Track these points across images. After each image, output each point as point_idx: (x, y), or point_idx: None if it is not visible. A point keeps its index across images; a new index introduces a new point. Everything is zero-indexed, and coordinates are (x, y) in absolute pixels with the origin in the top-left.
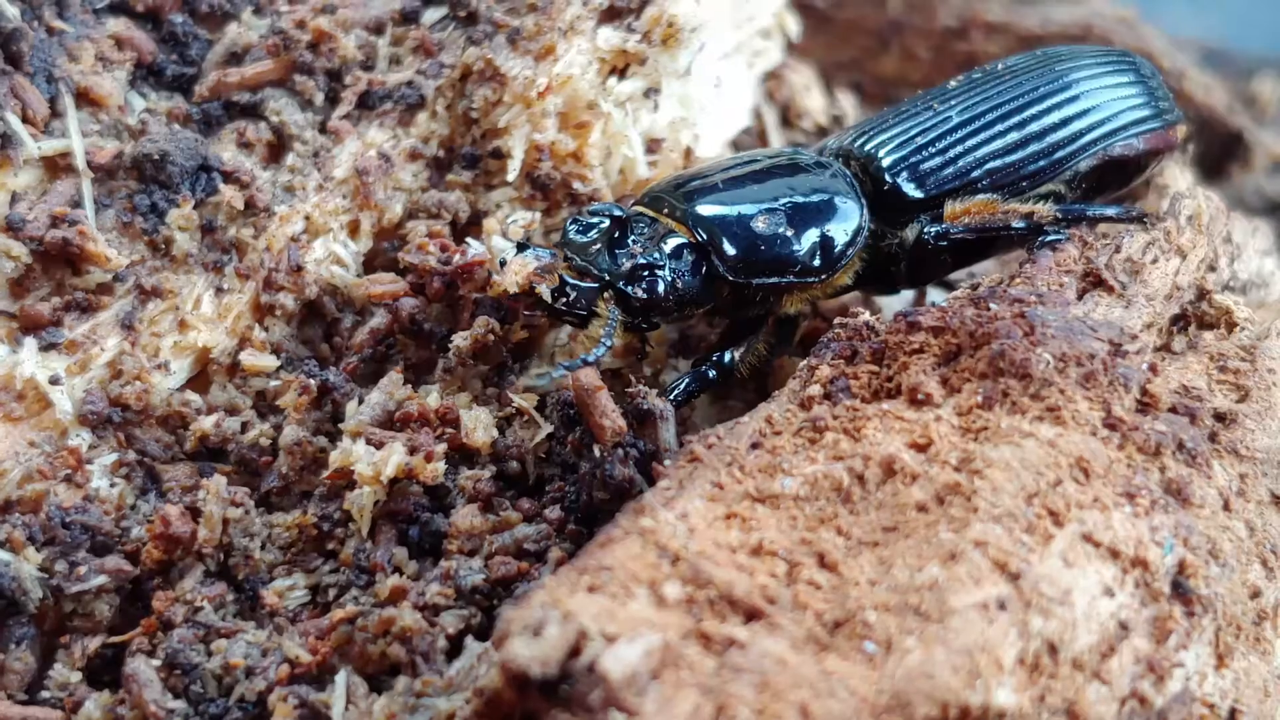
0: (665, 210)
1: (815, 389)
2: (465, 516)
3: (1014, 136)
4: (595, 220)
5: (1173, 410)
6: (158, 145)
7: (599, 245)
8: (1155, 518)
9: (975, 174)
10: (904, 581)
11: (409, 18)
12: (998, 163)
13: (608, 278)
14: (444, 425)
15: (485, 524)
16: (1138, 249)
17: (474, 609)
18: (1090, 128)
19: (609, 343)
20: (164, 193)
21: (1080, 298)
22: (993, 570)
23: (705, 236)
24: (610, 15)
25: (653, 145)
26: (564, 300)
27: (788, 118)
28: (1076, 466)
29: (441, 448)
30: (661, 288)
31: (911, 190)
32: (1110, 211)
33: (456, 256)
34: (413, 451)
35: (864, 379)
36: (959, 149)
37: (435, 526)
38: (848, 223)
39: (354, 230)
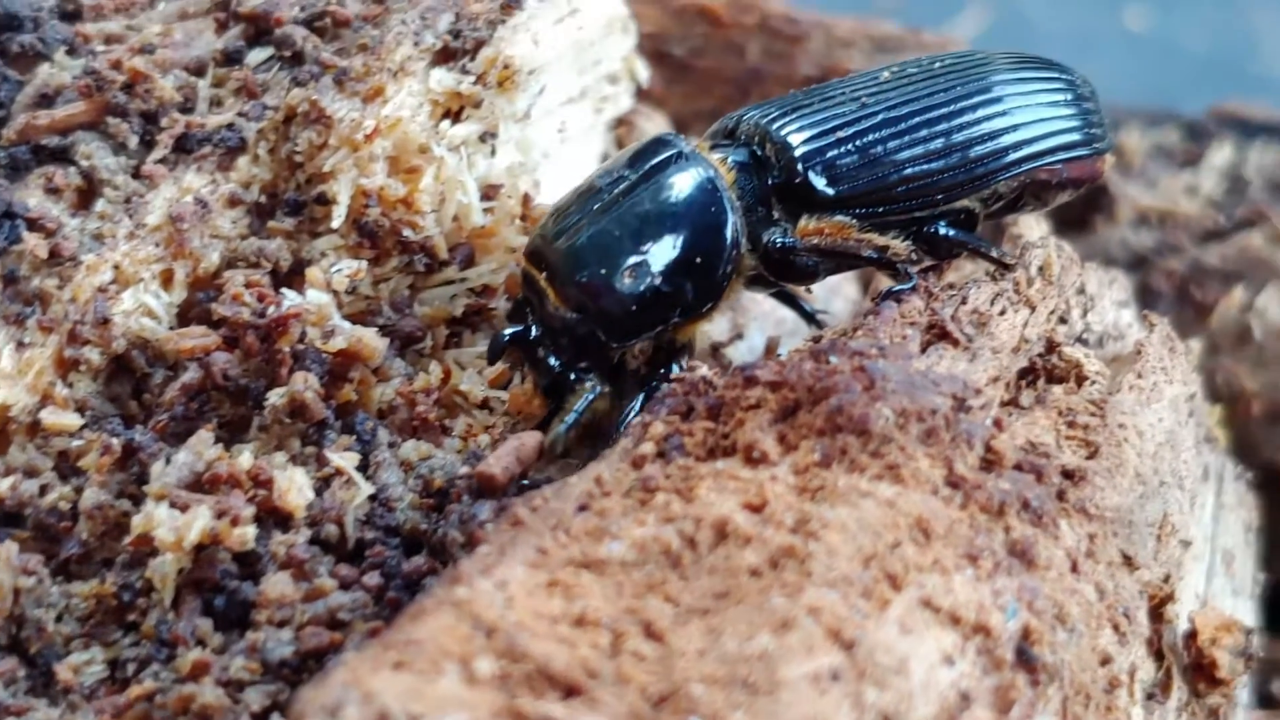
0: (545, 273)
1: (648, 447)
2: (275, 585)
3: (937, 145)
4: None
5: (1018, 468)
6: None
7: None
8: (998, 581)
9: (892, 178)
10: (733, 651)
11: (232, 58)
12: (916, 170)
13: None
14: (256, 487)
15: (297, 592)
16: (985, 300)
17: (282, 684)
18: (1016, 146)
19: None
20: None
21: (924, 350)
22: (826, 639)
23: (581, 315)
24: (444, 56)
25: (489, 191)
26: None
27: None
28: (916, 527)
29: (250, 511)
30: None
31: (822, 186)
32: (992, 252)
33: (272, 308)
34: (220, 515)
35: (699, 436)
36: (879, 150)
37: (243, 596)
38: (723, 242)
39: (167, 280)
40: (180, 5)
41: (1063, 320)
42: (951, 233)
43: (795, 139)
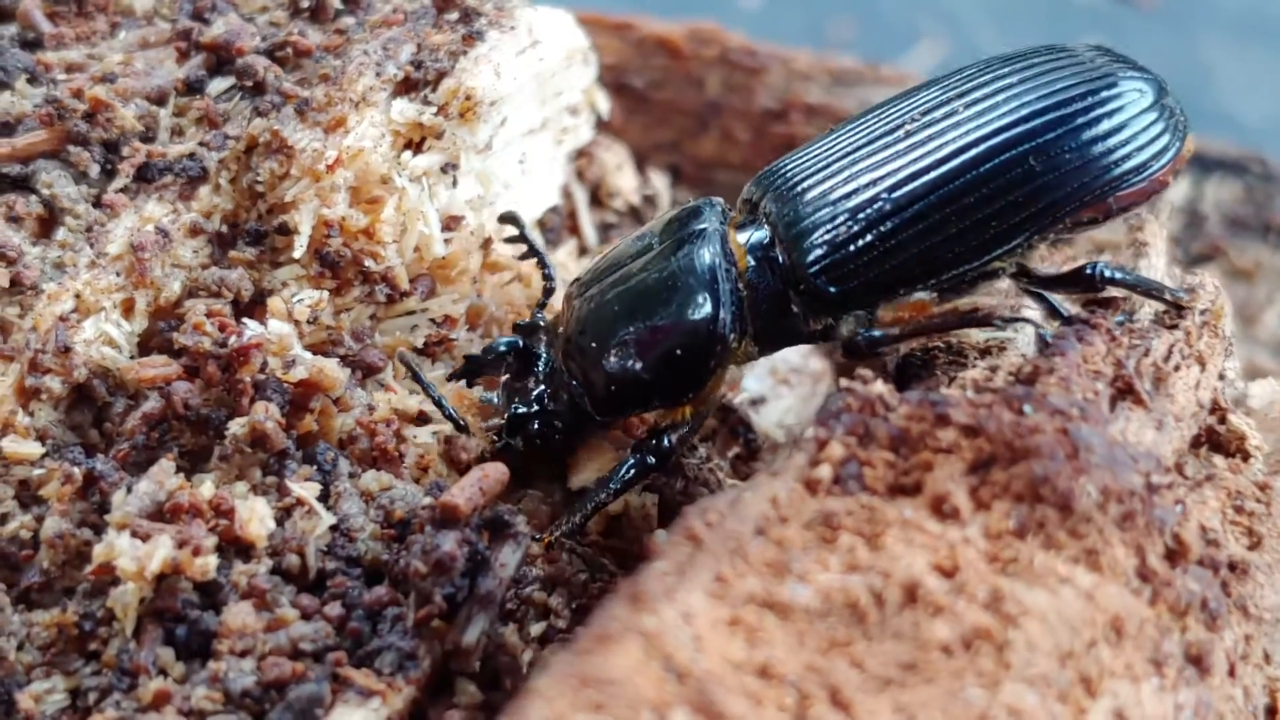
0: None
1: (824, 470)
2: (237, 615)
3: (955, 228)
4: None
5: (1200, 562)
6: None
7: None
8: (1181, 693)
9: (910, 264)
10: None
11: (194, 88)
12: (935, 254)
13: (504, 420)
14: (218, 517)
15: (259, 622)
16: (1162, 353)
17: (244, 714)
18: (1053, 201)
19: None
20: None
21: (1112, 408)
22: None
23: (573, 384)
24: (406, 87)
25: (450, 222)
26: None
27: (598, 197)
28: (1110, 626)
29: (212, 541)
30: (540, 426)
31: (832, 290)
32: (1166, 294)
33: (233, 338)
34: (182, 545)
35: (879, 469)
36: (894, 241)
37: (205, 625)
38: (707, 339)
39: (128, 309)
40: (141, 34)
41: (1221, 376)
42: (1116, 275)
43: (806, 238)
